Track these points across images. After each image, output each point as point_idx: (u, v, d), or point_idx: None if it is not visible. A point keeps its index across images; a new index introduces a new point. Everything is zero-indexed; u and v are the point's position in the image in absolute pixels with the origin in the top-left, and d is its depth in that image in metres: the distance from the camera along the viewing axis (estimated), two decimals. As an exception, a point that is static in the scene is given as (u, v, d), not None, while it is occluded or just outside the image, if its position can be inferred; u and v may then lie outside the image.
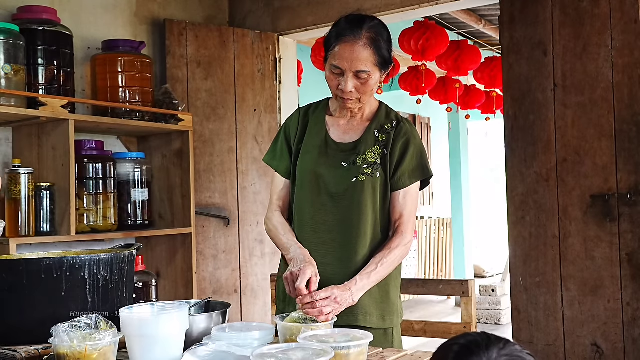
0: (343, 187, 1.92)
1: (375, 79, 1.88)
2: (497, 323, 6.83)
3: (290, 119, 2.07)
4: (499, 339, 1.05)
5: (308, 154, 1.97)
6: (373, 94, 1.95)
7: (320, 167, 1.94)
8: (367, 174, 1.91)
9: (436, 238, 8.89)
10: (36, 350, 1.65)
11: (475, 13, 6.08)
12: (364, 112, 1.99)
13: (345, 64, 1.84)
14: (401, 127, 1.97)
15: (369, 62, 1.84)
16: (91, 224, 3.03)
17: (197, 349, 1.54)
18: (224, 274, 3.75)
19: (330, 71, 1.88)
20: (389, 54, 1.90)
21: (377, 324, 1.92)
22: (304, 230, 1.96)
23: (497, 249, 10.11)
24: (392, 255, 1.88)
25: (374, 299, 1.92)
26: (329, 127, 2.00)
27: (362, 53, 1.83)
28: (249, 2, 4.09)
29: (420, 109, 8.93)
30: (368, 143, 1.94)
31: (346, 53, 1.83)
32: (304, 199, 1.96)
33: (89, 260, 1.74)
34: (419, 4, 3.49)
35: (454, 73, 5.49)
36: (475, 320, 2.38)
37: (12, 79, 2.74)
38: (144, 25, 3.66)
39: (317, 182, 1.94)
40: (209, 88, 3.77)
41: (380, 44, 1.86)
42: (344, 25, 1.87)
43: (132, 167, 3.24)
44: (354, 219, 1.91)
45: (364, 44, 1.83)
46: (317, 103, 2.08)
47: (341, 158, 1.94)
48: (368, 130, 1.96)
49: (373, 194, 1.92)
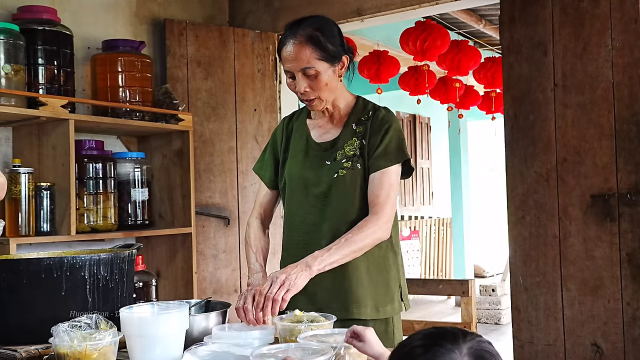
0: (327, 185, 1.94)
1: (326, 73, 1.90)
2: (497, 323, 6.83)
3: (277, 129, 2.14)
4: (460, 331, 1.06)
5: (294, 158, 2.02)
6: (333, 90, 1.95)
7: (305, 169, 1.98)
8: (347, 167, 1.93)
9: (436, 238, 8.89)
10: (36, 350, 1.65)
11: (475, 13, 6.09)
12: (340, 109, 2.02)
13: (290, 66, 1.90)
14: (377, 114, 1.98)
15: (312, 58, 1.88)
16: (91, 224, 3.03)
17: (197, 348, 1.54)
18: (224, 273, 3.75)
19: (287, 77, 1.95)
20: (335, 46, 1.92)
21: (372, 315, 1.92)
22: (296, 234, 1.99)
23: (497, 249, 10.11)
24: (362, 234, 1.85)
25: (367, 290, 1.92)
26: (310, 129, 2.05)
27: (302, 51, 1.88)
28: (249, 2, 4.09)
29: (420, 109, 8.93)
30: (346, 137, 1.97)
31: (289, 55, 1.89)
32: (294, 203, 2.00)
33: (89, 260, 1.74)
34: (419, 4, 3.49)
35: (454, 73, 5.49)
36: (475, 320, 2.39)
37: (12, 78, 2.73)
38: (144, 25, 3.66)
39: (304, 185, 1.98)
40: (209, 88, 3.77)
41: (320, 39, 1.89)
42: (284, 32, 1.94)
43: (132, 167, 3.24)
44: (339, 215, 1.93)
45: (300, 42, 1.88)
46: (300, 109, 2.14)
47: (324, 157, 1.97)
48: (346, 126, 1.99)
49: (356, 187, 1.93)
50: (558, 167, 2.95)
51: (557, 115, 2.96)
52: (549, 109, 2.98)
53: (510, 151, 3.09)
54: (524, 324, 3.03)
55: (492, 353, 1.04)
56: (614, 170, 2.82)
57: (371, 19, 3.68)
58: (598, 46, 2.86)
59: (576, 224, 2.90)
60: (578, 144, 2.90)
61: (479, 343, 1.04)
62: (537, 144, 3.00)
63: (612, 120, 2.83)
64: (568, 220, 2.92)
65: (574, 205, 2.91)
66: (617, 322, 2.78)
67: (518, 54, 3.06)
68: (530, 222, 3.01)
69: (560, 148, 2.95)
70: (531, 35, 3.02)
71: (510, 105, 3.10)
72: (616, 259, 2.79)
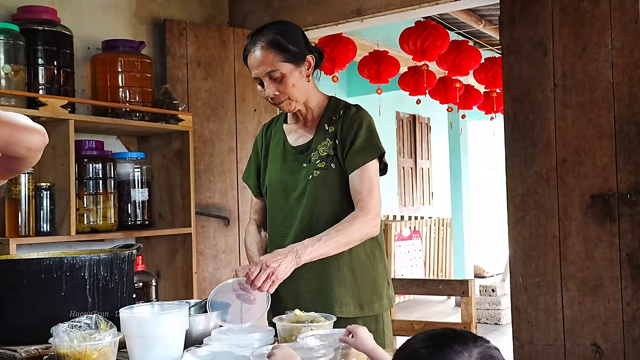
0: (302, 187, 1.96)
1: (292, 75, 1.93)
2: (497, 323, 6.83)
3: (257, 136, 2.18)
4: (470, 334, 1.05)
5: (273, 164, 2.06)
6: (301, 90, 1.96)
7: (284, 174, 2.01)
8: (322, 168, 1.94)
9: (436, 238, 8.89)
10: (36, 350, 1.65)
11: (475, 13, 6.08)
12: (312, 110, 2.03)
13: (257, 72, 1.94)
14: (347, 113, 1.99)
15: (275, 61, 1.91)
16: (91, 224, 3.03)
17: (197, 349, 1.54)
18: (224, 274, 3.75)
19: (257, 85, 1.99)
20: (299, 47, 1.94)
21: (355, 313, 1.93)
22: (277, 237, 2.01)
23: (497, 249, 10.11)
24: (352, 227, 1.86)
25: (349, 289, 1.93)
26: (286, 134, 2.07)
27: (265, 56, 1.92)
28: (249, 2, 4.09)
29: (420, 109, 8.93)
30: (320, 138, 1.98)
31: (254, 62, 1.94)
32: (275, 209, 2.03)
33: (89, 260, 1.74)
34: (419, 4, 3.49)
35: (454, 73, 5.49)
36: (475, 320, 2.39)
37: (12, 79, 2.73)
38: (144, 25, 3.66)
39: (283, 189, 2.00)
40: (209, 88, 3.77)
41: (281, 42, 1.92)
42: (247, 42, 1.98)
43: (132, 167, 3.24)
44: (314, 216, 1.94)
45: (262, 48, 1.92)
46: (278, 116, 2.18)
47: (300, 160, 1.99)
48: (319, 127, 2.01)
49: (329, 187, 1.94)
50: (558, 167, 2.95)
51: (557, 115, 2.96)
52: (549, 109, 2.98)
53: (510, 151, 3.09)
54: (524, 324, 3.03)
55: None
56: (613, 171, 2.81)
57: (371, 19, 3.68)
58: (598, 46, 2.86)
59: (576, 224, 2.90)
60: (578, 144, 2.90)
61: (487, 349, 1.03)
62: (537, 144, 3.00)
63: (612, 120, 2.83)
64: (568, 221, 2.92)
65: (573, 206, 2.91)
66: (617, 322, 2.78)
67: (518, 54, 3.06)
68: (530, 222, 3.01)
69: (560, 148, 2.95)
70: (531, 35, 3.02)
71: (510, 105, 3.10)
72: (616, 259, 2.79)
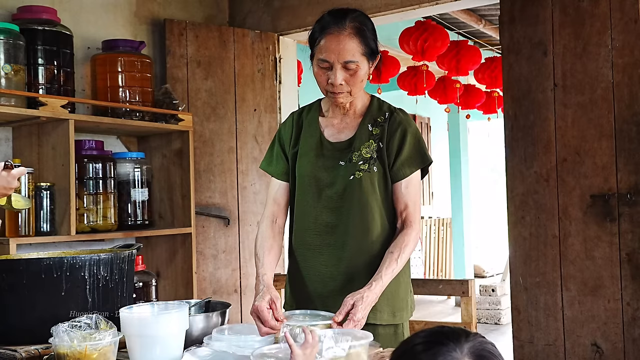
0: (342, 186, 1.90)
1: (363, 69, 1.86)
2: (497, 323, 6.83)
3: (284, 125, 2.07)
4: (462, 331, 1.06)
5: (304, 156, 1.96)
6: (363, 86, 1.92)
7: (318, 169, 1.93)
8: (364, 170, 1.89)
9: (436, 238, 8.89)
10: (36, 350, 1.65)
11: (475, 13, 6.08)
12: (356, 108, 1.97)
13: (332, 56, 1.82)
14: (394, 118, 1.95)
15: (357, 52, 1.83)
16: (91, 224, 3.03)
17: (197, 349, 1.54)
18: (224, 274, 3.75)
19: (318, 66, 1.86)
20: (375, 44, 1.89)
21: (388, 320, 1.91)
22: (307, 234, 1.94)
23: (497, 249, 10.11)
24: (408, 249, 1.86)
25: (385, 296, 1.89)
26: (322, 128, 1.98)
27: (349, 43, 1.82)
28: (249, 2, 4.09)
29: (420, 109, 8.93)
30: (362, 139, 1.92)
31: (332, 45, 1.82)
32: (306, 203, 1.95)
33: (89, 260, 1.74)
34: (419, 4, 3.49)
35: (454, 73, 5.49)
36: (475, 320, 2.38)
37: (12, 78, 2.73)
38: (144, 25, 3.66)
39: (316, 184, 1.93)
40: (209, 88, 3.77)
41: (366, 34, 1.85)
42: (327, 19, 1.87)
43: (132, 167, 3.24)
44: (357, 218, 1.89)
45: (349, 34, 1.82)
46: (310, 105, 2.07)
47: (338, 157, 1.93)
48: (362, 126, 1.94)
49: (373, 190, 1.90)
50: (558, 167, 2.95)
51: (557, 115, 2.96)
52: (549, 109, 2.98)
53: (510, 151, 3.09)
54: (524, 324, 3.03)
55: (494, 354, 1.04)
56: (614, 170, 2.82)
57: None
58: (598, 46, 2.86)
59: (576, 224, 2.90)
60: (578, 144, 2.90)
61: (481, 343, 1.04)
62: (537, 144, 3.00)
63: (612, 120, 2.83)
64: (568, 220, 2.92)
65: (574, 205, 2.91)
66: (617, 322, 2.78)
67: (518, 54, 3.06)
68: (530, 222, 3.01)
69: (560, 148, 2.95)
70: (531, 35, 3.02)
71: (510, 105, 3.10)
72: (616, 259, 2.79)
